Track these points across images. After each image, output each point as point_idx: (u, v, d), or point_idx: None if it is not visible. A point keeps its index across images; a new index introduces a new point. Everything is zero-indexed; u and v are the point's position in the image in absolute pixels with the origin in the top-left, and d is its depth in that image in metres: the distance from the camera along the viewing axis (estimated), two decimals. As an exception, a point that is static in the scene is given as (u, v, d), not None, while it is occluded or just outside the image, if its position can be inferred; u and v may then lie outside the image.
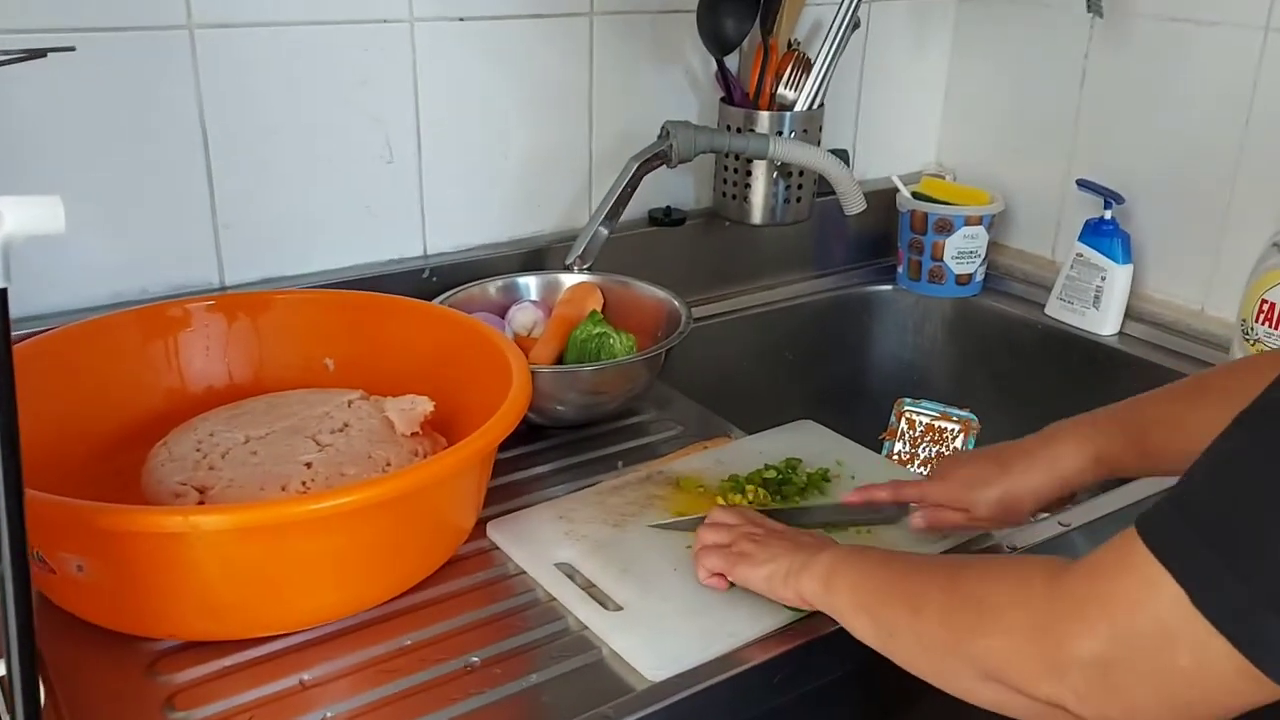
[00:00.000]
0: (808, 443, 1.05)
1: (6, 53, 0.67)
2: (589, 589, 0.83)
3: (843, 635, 0.79)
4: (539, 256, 1.26)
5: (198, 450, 0.87)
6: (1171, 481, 0.57)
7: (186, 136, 1.05)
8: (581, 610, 0.81)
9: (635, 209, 1.29)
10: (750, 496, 0.95)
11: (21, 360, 0.47)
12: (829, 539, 0.82)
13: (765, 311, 1.43)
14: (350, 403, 0.94)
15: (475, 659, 0.76)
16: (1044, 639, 0.58)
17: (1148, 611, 0.53)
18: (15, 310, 0.45)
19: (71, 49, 0.78)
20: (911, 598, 0.68)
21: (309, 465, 0.84)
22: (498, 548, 0.89)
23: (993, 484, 0.86)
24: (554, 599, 0.83)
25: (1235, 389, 0.82)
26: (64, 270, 1.02)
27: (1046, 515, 0.95)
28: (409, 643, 0.78)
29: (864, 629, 0.72)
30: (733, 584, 0.81)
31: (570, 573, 0.85)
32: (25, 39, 0.94)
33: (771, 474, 0.97)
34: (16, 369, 0.46)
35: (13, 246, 0.44)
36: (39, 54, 0.67)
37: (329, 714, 0.71)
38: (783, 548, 0.79)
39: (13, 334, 0.46)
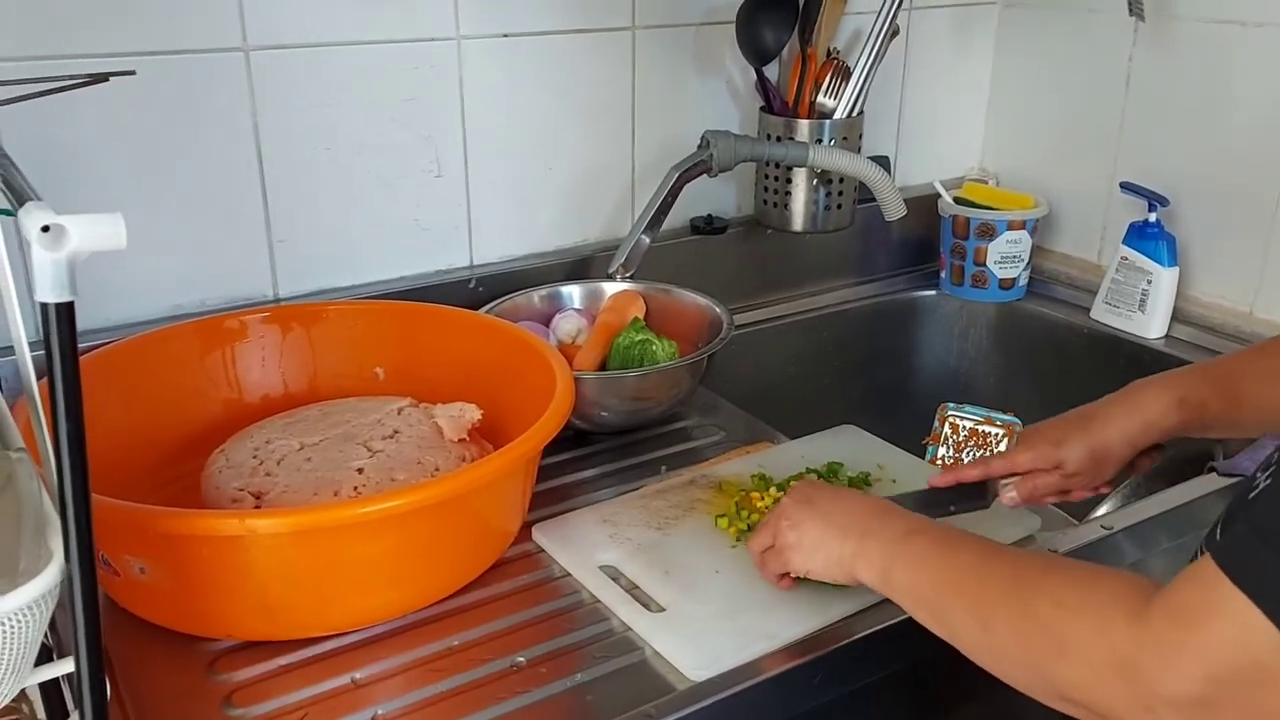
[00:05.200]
0: (850, 447, 1.06)
1: (72, 77, 0.70)
2: (632, 591, 0.84)
3: (884, 636, 0.80)
4: (582, 266, 1.28)
5: (254, 457, 0.90)
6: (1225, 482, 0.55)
7: (242, 154, 1.08)
8: (625, 611, 0.82)
9: (677, 217, 1.31)
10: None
11: (86, 371, 0.49)
12: (868, 511, 0.78)
13: (808, 318, 1.44)
14: (400, 410, 0.97)
15: (521, 659, 0.78)
16: (1133, 679, 0.56)
17: (1243, 652, 0.52)
18: (81, 323, 0.48)
19: (132, 73, 0.81)
20: (980, 612, 0.66)
21: (361, 471, 0.87)
22: (543, 550, 0.90)
23: (1079, 436, 0.85)
24: (598, 600, 0.84)
25: None
26: (126, 284, 1.06)
27: (1128, 484, 0.92)
28: (457, 643, 0.80)
29: (927, 623, 0.71)
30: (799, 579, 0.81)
31: (614, 575, 0.86)
32: (89, 63, 0.98)
33: (812, 477, 0.98)
34: (83, 379, 0.49)
35: (78, 261, 0.46)
36: (101, 78, 0.69)
37: (380, 711, 0.73)
38: (824, 532, 0.77)
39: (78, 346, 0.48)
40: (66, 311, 0.47)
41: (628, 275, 1.22)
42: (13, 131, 0.93)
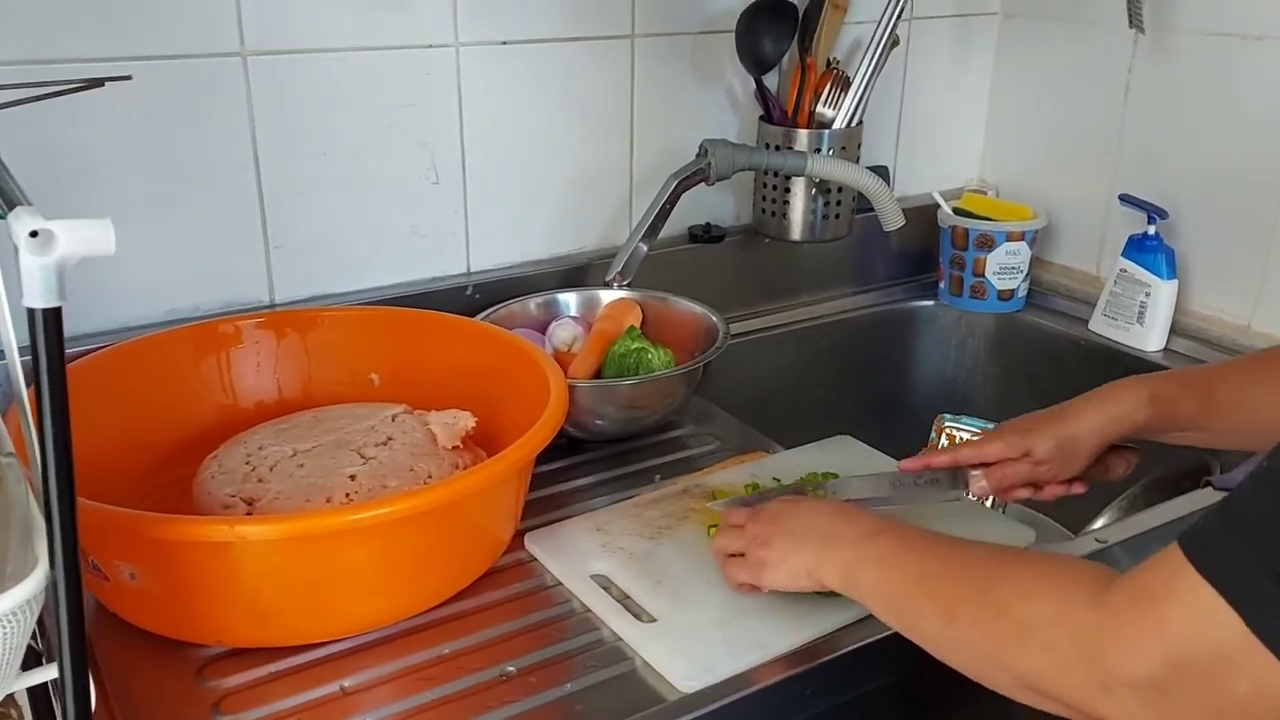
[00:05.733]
0: (845, 457, 1.06)
1: (68, 82, 0.71)
2: (624, 600, 0.84)
3: (877, 648, 0.80)
4: (579, 273, 1.28)
5: (247, 463, 0.90)
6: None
7: (239, 160, 1.08)
8: (616, 621, 0.82)
9: (675, 226, 1.31)
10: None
11: (81, 375, 0.49)
12: (830, 515, 0.78)
13: (806, 327, 1.44)
14: (394, 417, 0.96)
15: (511, 668, 0.78)
16: (1092, 661, 0.56)
17: (1204, 638, 0.52)
18: (76, 328, 0.48)
19: (128, 78, 0.81)
20: (943, 605, 0.66)
21: (353, 477, 0.87)
22: (535, 559, 0.90)
23: (1048, 426, 0.86)
24: (589, 610, 0.84)
25: None
26: (122, 289, 1.06)
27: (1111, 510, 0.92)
28: (447, 651, 0.79)
29: (892, 621, 0.72)
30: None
31: (606, 584, 0.86)
32: (85, 68, 0.98)
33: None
34: (77, 384, 0.48)
35: (67, 267, 0.46)
36: (97, 83, 0.70)
37: None
38: (788, 545, 0.78)
39: (73, 350, 0.48)
40: (54, 317, 0.47)
41: (625, 283, 1.22)
42: (8, 136, 0.92)
